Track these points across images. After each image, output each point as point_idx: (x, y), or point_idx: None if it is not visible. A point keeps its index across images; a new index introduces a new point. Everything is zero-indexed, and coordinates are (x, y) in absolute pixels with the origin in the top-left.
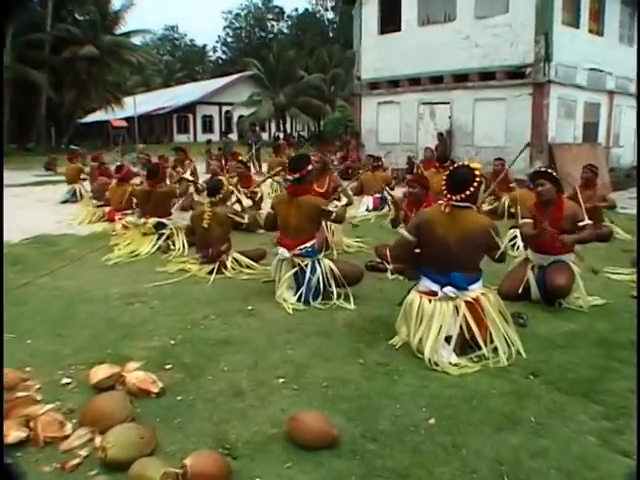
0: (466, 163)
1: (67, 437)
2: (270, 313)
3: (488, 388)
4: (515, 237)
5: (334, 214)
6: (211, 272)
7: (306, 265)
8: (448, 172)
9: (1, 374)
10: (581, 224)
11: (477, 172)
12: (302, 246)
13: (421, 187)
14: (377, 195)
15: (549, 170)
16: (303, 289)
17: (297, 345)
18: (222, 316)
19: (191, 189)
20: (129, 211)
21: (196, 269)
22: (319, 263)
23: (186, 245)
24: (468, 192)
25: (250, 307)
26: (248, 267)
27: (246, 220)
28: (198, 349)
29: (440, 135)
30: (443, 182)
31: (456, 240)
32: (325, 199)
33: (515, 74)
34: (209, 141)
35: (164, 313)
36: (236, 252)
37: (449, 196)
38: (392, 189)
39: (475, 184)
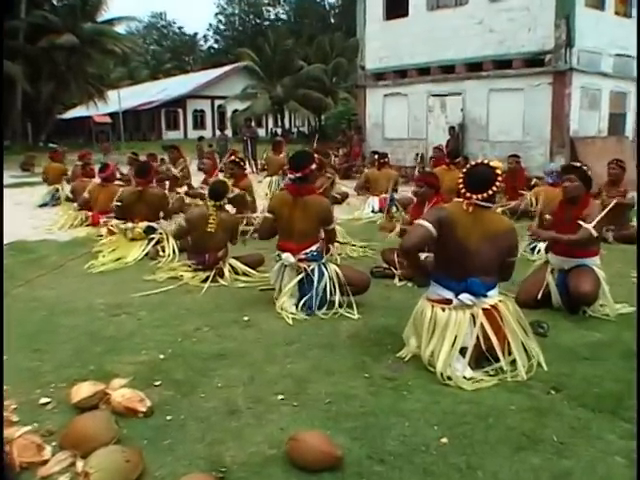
0: (485, 161)
1: (46, 462)
2: (268, 324)
3: (506, 404)
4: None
5: (333, 226)
6: (205, 280)
7: (312, 270)
8: (466, 170)
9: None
10: (582, 223)
11: (498, 171)
12: (308, 250)
13: (428, 186)
14: (384, 195)
15: (583, 166)
16: (308, 297)
17: (297, 358)
18: (216, 328)
19: (180, 190)
20: (113, 214)
21: (189, 277)
22: (325, 267)
23: (177, 251)
24: (490, 192)
25: (246, 317)
26: (245, 274)
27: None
28: (190, 364)
29: (452, 129)
30: (460, 180)
31: (477, 243)
32: None
33: (533, 62)
34: (201, 138)
35: (152, 325)
36: (232, 258)
37: (469, 195)
38: (395, 191)
39: (497, 184)
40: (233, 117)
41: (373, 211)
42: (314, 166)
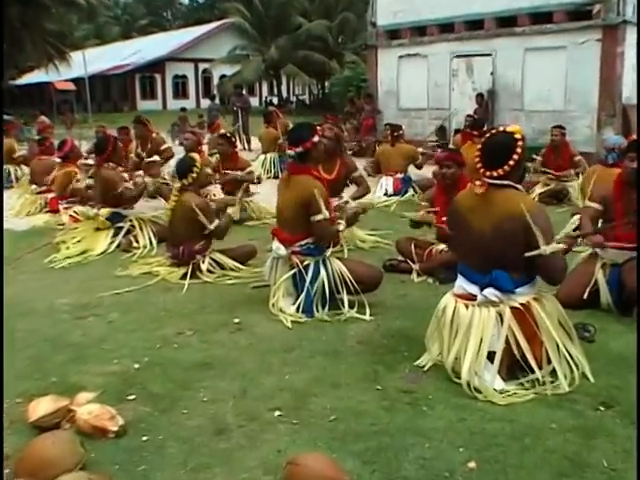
0: (503, 128)
1: None
2: (262, 327)
3: (545, 422)
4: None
5: (319, 217)
6: (184, 276)
7: (307, 266)
8: (482, 142)
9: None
10: None
11: (518, 138)
12: (303, 242)
13: (457, 165)
14: (398, 175)
15: None
16: (303, 297)
17: (297, 368)
18: (201, 332)
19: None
20: (76, 198)
21: (166, 272)
22: (324, 264)
23: (154, 241)
24: (507, 166)
25: (237, 320)
26: (233, 269)
27: (212, 227)
28: (170, 374)
29: (480, 97)
30: (476, 155)
31: (493, 230)
32: (335, 189)
33: (578, 14)
34: (183, 109)
35: (126, 329)
36: (216, 251)
37: (483, 172)
38: (419, 167)
39: (516, 155)
40: (220, 84)
41: (386, 194)
42: (316, 139)
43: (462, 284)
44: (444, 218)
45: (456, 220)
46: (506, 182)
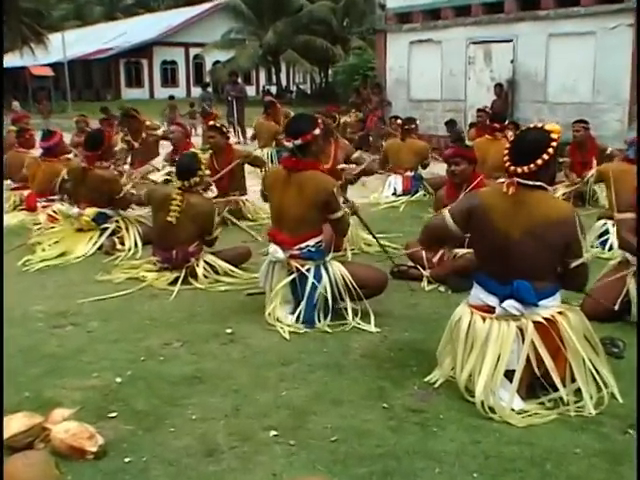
0: (542, 125)
1: None
2: (257, 338)
3: (568, 446)
4: (606, 232)
5: (340, 214)
6: (174, 282)
7: (307, 271)
8: (514, 137)
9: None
10: None
11: (554, 136)
12: (303, 244)
13: (467, 162)
14: (408, 173)
15: None
16: (303, 305)
17: (295, 383)
18: (190, 343)
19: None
20: (56, 196)
21: (153, 277)
22: (326, 268)
23: (140, 244)
24: (540, 161)
25: (229, 330)
26: (226, 274)
27: (215, 234)
28: (155, 390)
29: (498, 87)
30: (505, 151)
31: (523, 235)
32: (334, 177)
33: None
34: (171, 97)
35: (107, 339)
36: (209, 254)
37: (512, 169)
38: (425, 167)
39: (547, 155)
40: (213, 71)
41: (395, 193)
42: (317, 131)
43: (479, 294)
44: (452, 214)
45: (478, 221)
46: (538, 183)
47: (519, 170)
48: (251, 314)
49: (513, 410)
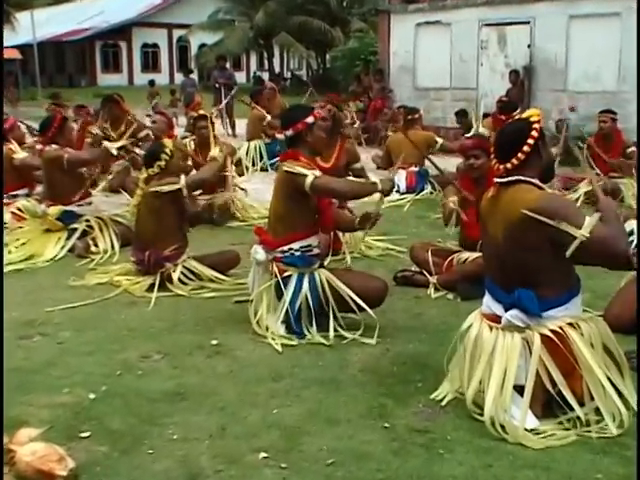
0: (524, 115)
1: None
2: (246, 351)
3: (589, 471)
4: (630, 233)
5: (310, 179)
6: (152, 288)
7: (288, 279)
8: (496, 134)
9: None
10: None
11: (533, 121)
12: (286, 247)
13: (487, 155)
14: (413, 168)
15: None
16: (286, 314)
17: (288, 400)
18: (171, 355)
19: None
20: (21, 191)
21: (129, 283)
22: (311, 278)
23: (116, 245)
24: (516, 159)
25: (215, 341)
26: (211, 280)
27: (183, 182)
28: (132, 407)
29: (514, 74)
30: (492, 150)
31: (505, 238)
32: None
33: None
34: (152, 83)
35: (80, 351)
36: (191, 258)
37: (497, 167)
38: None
39: (530, 141)
40: (200, 55)
41: (398, 191)
42: (310, 120)
43: (488, 302)
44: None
45: (481, 228)
46: (514, 177)
47: (506, 167)
48: (239, 324)
49: (527, 430)
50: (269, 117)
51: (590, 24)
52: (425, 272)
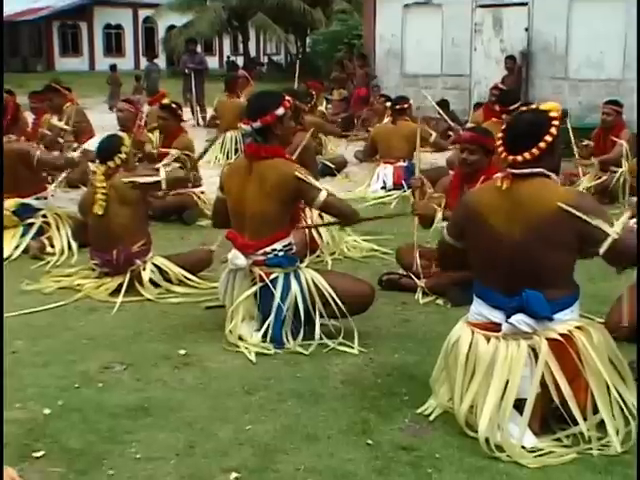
0: (536, 105)
1: None
2: (217, 361)
3: None
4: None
5: (323, 195)
6: (117, 292)
7: (274, 280)
8: (507, 121)
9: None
10: None
11: (553, 116)
12: (268, 248)
13: (484, 152)
14: (401, 163)
15: None
16: (271, 321)
17: (262, 415)
18: (135, 366)
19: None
20: None
21: (91, 287)
22: (296, 277)
23: (74, 245)
24: (542, 144)
25: (183, 351)
26: (181, 282)
27: (163, 175)
28: (91, 423)
29: (510, 60)
30: (499, 140)
31: (524, 234)
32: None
33: None
34: (113, 67)
35: (34, 362)
36: (160, 257)
37: (506, 157)
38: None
39: (549, 136)
40: (167, 38)
41: (384, 187)
42: (281, 111)
43: (481, 309)
44: (449, 227)
45: (473, 225)
46: (536, 170)
47: (519, 158)
48: (210, 332)
49: (524, 448)
50: None
51: (593, 6)
52: (412, 275)
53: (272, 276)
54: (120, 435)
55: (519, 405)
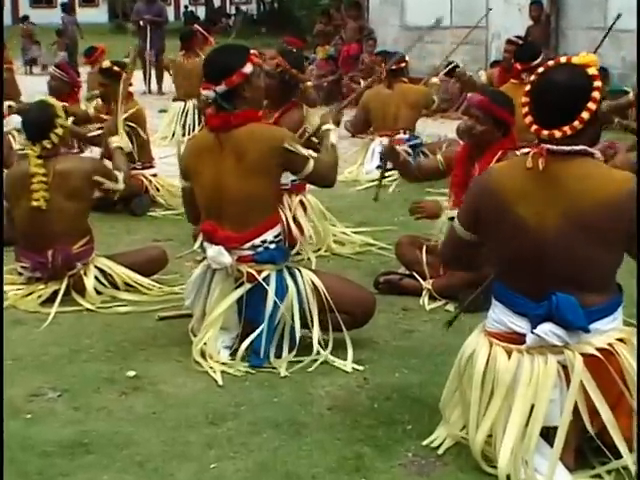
0: (566, 59)
1: None
2: (175, 385)
3: None
4: None
5: (312, 163)
6: (51, 300)
7: (267, 279)
8: (533, 83)
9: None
10: None
11: (592, 74)
12: (257, 240)
13: (494, 123)
14: (401, 135)
15: None
16: (263, 329)
17: (231, 451)
18: (72, 392)
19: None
20: None
21: (18, 296)
22: (292, 276)
23: None
24: (578, 122)
25: (132, 372)
26: (129, 288)
27: (121, 186)
28: (18, 464)
29: (536, 6)
30: (524, 107)
31: (561, 226)
32: None
33: None
34: (25, 18)
35: None
36: (102, 257)
37: (537, 131)
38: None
39: (592, 103)
40: None
41: (381, 166)
42: (249, 68)
43: (501, 316)
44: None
45: (493, 213)
46: (579, 147)
47: (557, 133)
48: (165, 348)
49: None
50: None
51: None
52: (416, 275)
53: (263, 274)
54: (54, 478)
55: (547, 434)
